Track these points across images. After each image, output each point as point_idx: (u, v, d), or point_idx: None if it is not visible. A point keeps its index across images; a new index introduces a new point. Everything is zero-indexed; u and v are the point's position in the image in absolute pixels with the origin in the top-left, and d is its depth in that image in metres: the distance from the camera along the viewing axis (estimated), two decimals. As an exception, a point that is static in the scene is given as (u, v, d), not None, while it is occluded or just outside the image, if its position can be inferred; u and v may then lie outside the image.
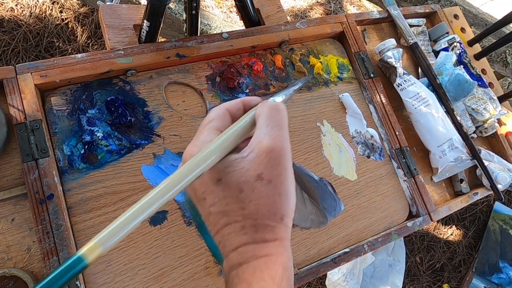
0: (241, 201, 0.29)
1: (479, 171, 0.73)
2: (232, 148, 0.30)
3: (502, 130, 0.81)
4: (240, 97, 0.60)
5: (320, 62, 0.69)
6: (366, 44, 0.76)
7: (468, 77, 0.73)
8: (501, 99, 0.81)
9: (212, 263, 0.51)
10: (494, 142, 0.81)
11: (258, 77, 0.63)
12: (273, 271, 0.28)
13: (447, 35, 0.80)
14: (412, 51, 0.76)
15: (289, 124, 0.65)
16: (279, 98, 0.35)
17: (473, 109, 0.76)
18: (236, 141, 0.30)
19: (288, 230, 0.31)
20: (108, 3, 0.60)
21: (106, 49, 0.57)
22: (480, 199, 0.76)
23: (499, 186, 0.72)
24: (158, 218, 0.50)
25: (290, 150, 0.31)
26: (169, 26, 1.08)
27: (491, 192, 0.74)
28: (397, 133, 0.68)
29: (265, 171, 0.29)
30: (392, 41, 0.71)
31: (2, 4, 1.23)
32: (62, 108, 0.50)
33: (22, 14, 1.24)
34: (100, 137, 0.50)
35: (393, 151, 0.67)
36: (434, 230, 1.68)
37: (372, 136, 0.67)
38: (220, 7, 1.62)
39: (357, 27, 0.74)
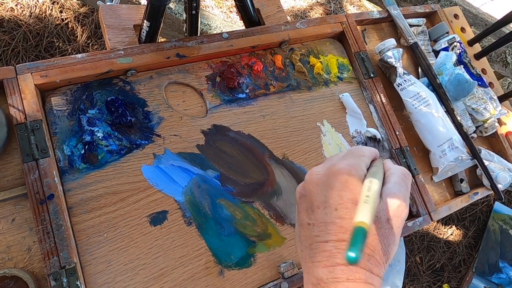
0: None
1: (479, 171, 0.73)
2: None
3: (502, 130, 0.81)
4: (240, 97, 0.61)
5: (320, 62, 0.69)
6: (366, 44, 0.76)
7: (468, 77, 0.73)
8: (501, 98, 0.81)
9: (212, 263, 0.51)
10: (494, 142, 0.81)
11: (258, 77, 0.63)
12: None
13: (447, 35, 0.80)
14: (412, 51, 0.76)
15: (289, 124, 0.65)
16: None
17: (473, 109, 0.76)
18: (381, 183, 0.35)
19: (384, 272, 0.35)
20: (108, 3, 0.60)
21: (106, 49, 0.57)
22: (480, 199, 0.76)
23: (499, 186, 0.72)
24: (158, 218, 0.50)
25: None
26: (169, 26, 1.08)
27: (491, 192, 0.74)
28: (397, 133, 0.68)
29: (393, 218, 0.34)
30: (392, 41, 0.71)
31: (2, 4, 1.23)
32: (62, 108, 0.50)
33: (22, 14, 1.24)
34: (100, 137, 0.50)
35: (393, 151, 0.67)
36: (434, 230, 1.68)
37: (380, 140, 0.67)
38: (220, 7, 1.62)
39: (357, 27, 0.74)
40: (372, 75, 0.70)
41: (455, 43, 0.78)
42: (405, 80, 0.70)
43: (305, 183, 0.36)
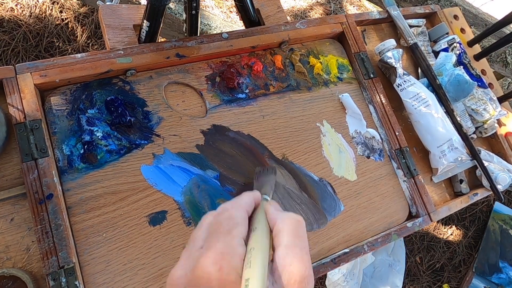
0: None
1: (478, 172, 0.73)
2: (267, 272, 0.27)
3: (502, 131, 0.81)
4: (240, 97, 0.61)
5: (320, 62, 0.69)
6: (366, 45, 0.76)
7: (467, 77, 0.73)
8: (501, 99, 0.81)
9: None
10: (493, 143, 0.81)
11: (258, 77, 0.63)
12: None
13: (447, 35, 0.80)
14: (412, 51, 0.76)
15: (289, 124, 0.65)
16: (269, 195, 0.33)
17: (472, 109, 0.76)
18: (267, 264, 0.27)
19: None
20: (108, 3, 0.60)
21: (106, 49, 0.57)
22: (480, 199, 0.76)
23: (499, 187, 0.72)
24: (157, 218, 0.50)
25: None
26: (169, 26, 1.08)
27: (491, 192, 0.74)
28: (397, 133, 0.68)
29: None
30: (392, 42, 0.71)
31: (2, 4, 1.23)
32: (61, 108, 0.50)
33: (22, 14, 1.24)
34: (99, 137, 0.50)
35: (393, 151, 0.67)
36: (434, 230, 1.68)
37: (373, 137, 0.67)
38: (220, 7, 1.62)
39: (357, 27, 0.74)
40: (372, 75, 0.70)
41: (454, 44, 0.78)
42: (405, 81, 0.70)
43: None
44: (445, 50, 0.79)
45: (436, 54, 0.80)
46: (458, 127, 0.71)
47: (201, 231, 0.29)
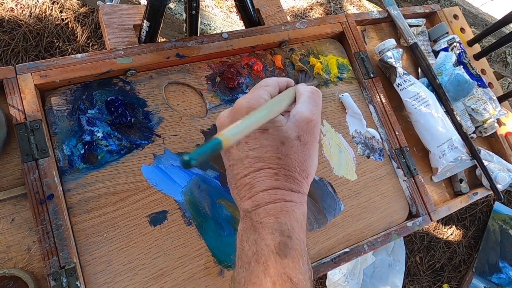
0: (279, 152, 0.35)
1: (478, 171, 0.73)
2: (283, 110, 0.37)
3: (502, 130, 0.81)
4: (240, 97, 0.61)
5: (320, 62, 0.69)
6: (366, 44, 0.76)
7: (467, 77, 0.73)
8: (501, 99, 0.81)
9: (212, 263, 0.51)
10: (493, 142, 0.81)
11: (258, 77, 0.63)
12: (295, 213, 0.34)
13: (446, 35, 0.80)
14: (412, 51, 0.76)
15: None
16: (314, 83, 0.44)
17: (472, 109, 0.76)
18: (286, 105, 0.37)
19: (308, 188, 0.37)
20: (108, 3, 0.60)
21: (106, 49, 0.57)
22: (480, 199, 0.76)
23: (499, 186, 0.72)
24: (158, 218, 0.50)
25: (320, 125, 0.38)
26: (169, 26, 1.08)
27: (491, 192, 0.74)
28: (397, 133, 0.68)
29: (303, 135, 0.35)
30: (392, 41, 0.71)
31: (2, 4, 1.23)
32: (62, 108, 0.50)
33: (22, 14, 1.24)
34: (100, 137, 0.50)
35: (393, 151, 0.67)
36: (434, 230, 1.68)
37: (373, 137, 0.67)
38: (220, 7, 1.62)
39: (357, 27, 0.74)
40: (372, 75, 0.70)
41: (454, 44, 0.78)
42: (404, 81, 0.70)
43: (218, 129, 0.39)
44: (445, 49, 0.79)
45: (436, 53, 0.80)
46: (458, 126, 0.71)
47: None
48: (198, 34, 0.63)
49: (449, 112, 0.72)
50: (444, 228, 1.70)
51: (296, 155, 0.35)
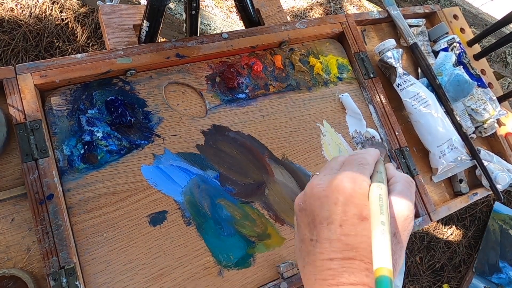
0: None
1: (478, 171, 0.73)
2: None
3: (502, 131, 0.81)
4: (240, 97, 0.61)
5: (320, 62, 0.69)
6: (366, 44, 0.76)
7: (467, 77, 0.73)
8: (501, 99, 0.81)
9: (212, 263, 0.51)
10: (493, 143, 0.81)
11: (258, 77, 0.64)
12: None
13: (446, 35, 0.80)
14: (412, 51, 0.76)
15: (289, 124, 0.65)
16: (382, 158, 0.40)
17: (472, 109, 0.76)
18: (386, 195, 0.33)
19: None
20: (108, 3, 0.60)
21: (106, 49, 0.57)
22: (480, 199, 0.76)
23: (499, 186, 0.72)
24: (158, 218, 0.50)
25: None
26: (169, 26, 1.08)
27: (491, 192, 0.74)
28: (396, 133, 0.68)
29: (399, 231, 0.32)
30: (391, 41, 0.71)
31: (2, 4, 1.23)
32: (62, 108, 0.50)
33: (22, 14, 1.24)
34: (100, 137, 0.50)
35: (393, 151, 0.67)
36: (434, 230, 1.68)
37: (373, 137, 0.67)
38: (220, 7, 1.62)
39: (357, 27, 0.74)
40: (371, 75, 0.70)
41: (454, 44, 0.78)
42: (404, 81, 0.70)
43: (305, 196, 0.33)
44: (445, 49, 0.79)
45: (435, 54, 0.80)
46: (458, 126, 0.71)
47: (337, 162, 0.35)
48: (198, 34, 0.63)
49: (449, 112, 0.72)
50: (444, 228, 1.70)
51: (393, 254, 0.30)
